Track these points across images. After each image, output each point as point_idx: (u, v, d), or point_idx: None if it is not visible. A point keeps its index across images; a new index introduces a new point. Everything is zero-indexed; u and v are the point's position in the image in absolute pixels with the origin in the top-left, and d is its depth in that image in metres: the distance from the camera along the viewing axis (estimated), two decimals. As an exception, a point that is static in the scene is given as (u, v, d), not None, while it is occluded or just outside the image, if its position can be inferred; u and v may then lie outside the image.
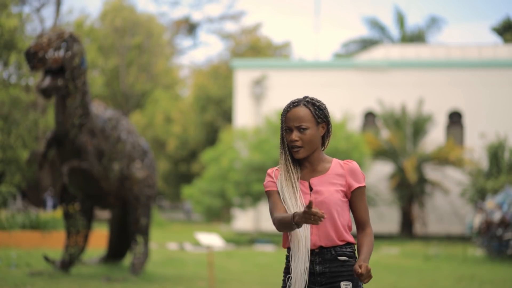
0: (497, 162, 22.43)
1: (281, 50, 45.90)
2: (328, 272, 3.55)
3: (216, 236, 10.85)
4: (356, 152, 22.52)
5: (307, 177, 3.61)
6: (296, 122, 3.57)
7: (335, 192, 3.55)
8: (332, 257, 3.55)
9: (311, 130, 3.57)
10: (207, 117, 38.41)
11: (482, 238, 16.79)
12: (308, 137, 3.56)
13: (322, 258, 3.55)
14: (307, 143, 3.57)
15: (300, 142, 3.56)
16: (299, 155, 3.57)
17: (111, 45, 36.01)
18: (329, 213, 3.53)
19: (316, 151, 3.61)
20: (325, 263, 3.55)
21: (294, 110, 3.60)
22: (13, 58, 18.54)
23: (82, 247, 11.22)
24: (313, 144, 3.58)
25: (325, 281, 3.56)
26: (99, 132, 10.74)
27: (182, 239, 22.48)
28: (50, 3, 29.77)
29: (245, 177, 22.57)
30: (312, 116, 3.59)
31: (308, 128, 3.57)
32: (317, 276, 3.56)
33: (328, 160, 3.65)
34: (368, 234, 3.61)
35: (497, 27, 36.25)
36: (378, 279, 11.63)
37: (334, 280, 3.55)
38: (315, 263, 3.55)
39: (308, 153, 3.58)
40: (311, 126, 3.58)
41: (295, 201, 3.55)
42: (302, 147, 3.56)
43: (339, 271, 3.56)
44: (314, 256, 3.55)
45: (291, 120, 3.59)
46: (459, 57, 28.14)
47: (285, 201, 3.56)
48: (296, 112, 3.59)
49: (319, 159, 3.63)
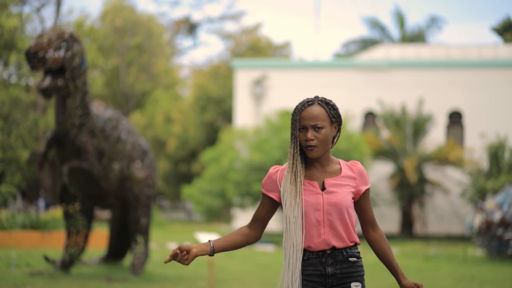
0: (497, 162, 22.43)
1: (281, 50, 45.91)
2: (339, 273, 3.57)
3: (216, 236, 10.85)
4: (356, 152, 22.52)
5: (318, 177, 3.60)
6: (312, 121, 3.55)
7: (347, 194, 3.57)
8: (343, 258, 3.57)
9: (326, 130, 3.57)
10: (207, 117, 38.42)
11: (482, 238, 16.78)
12: (323, 136, 3.56)
13: (334, 260, 3.56)
14: (322, 142, 3.56)
15: (316, 141, 3.55)
16: (313, 154, 3.56)
17: (111, 45, 36.02)
18: (342, 215, 3.55)
19: (327, 151, 3.62)
20: (336, 265, 3.56)
21: (309, 108, 3.58)
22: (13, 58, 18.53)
23: (82, 247, 11.22)
24: (327, 144, 3.59)
25: (336, 283, 3.57)
26: (99, 132, 10.74)
27: (182, 239, 22.47)
28: (50, 3, 29.79)
29: (245, 177, 22.58)
30: (327, 116, 3.59)
31: (324, 127, 3.56)
32: (328, 278, 3.56)
33: (336, 161, 3.67)
34: (384, 237, 3.69)
35: (497, 27, 36.25)
36: (378, 279, 11.63)
37: (344, 281, 3.56)
38: (327, 264, 3.56)
39: (322, 152, 3.58)
40: (326, 125, 3.58)
41: (295, 200, 3.55)
42: (316, 146, 3.55)
43: (349, 272, 3.58)
44: (326, 258, 3.56)
45: (306, 119, 3.56)
46: (459, 57, 28.15)
47: (286, 200, 3.56)
48: (311, 111, 3.57)
49: (329, 159, 3.64)
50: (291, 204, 3.54)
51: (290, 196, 3.55)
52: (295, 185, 3.56)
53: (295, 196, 3.55)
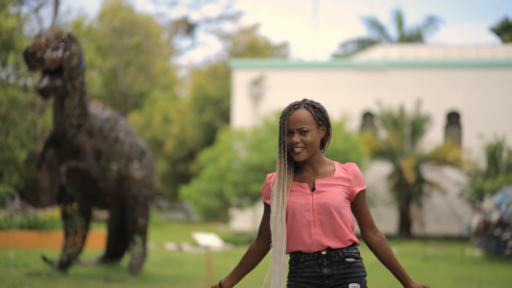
0: (495, 163, 22.45)
1: (279, 51, 45.90)
2: (336, 274, 3.56)
3: (214, 236, 10.85)
4: (354, 152, 22.53)
5: (309, 179, 3.61)
6: (297, 124, 3.57)
7: (338, 194, 3.56)
8: (339, 259, 3.56)
9: (312, 133, 3.58)
10: (205, 117, 38.41)
11: (480, 239, 16.79)
12: (310, 139, 3.57)
13: (330, 261, 3.56)
14: (309, 145, 3.57)
15: (302, 144, 3.56)
16: (300, 157, 3.57)
17: (109, 45, 35.98)
18: (332, 215, 3.54)
19: (316, 153, 3.62)
20: (332, 266, 3.56)
21: (295, 112, 3.60)
22: (11, 58, 18.51)
23: (80, 247, 11.22)
24: (314, 147, 3.59)
25: (333, 284, 3.56)
26: (97, 133, 10.74)
27: (180, 239, 22.47)
28: (48, 3, 29.75)
29: (243, 177, 22.57)
30: (313, 119, 3.60)
31: (310, 130, 3.57)
32: (325, 279, 3.56)
33: (330, 163, 3.67)
34: (385, 240, 3.68)
35: (495, 27, 36.26)
36: (377, 279, 11.63)
37: (342, 282, 3.56)
38: (323, 265, 3.56)
39: (309, 155, 3.59)
40: (312, 128, 3.59)
41: (278, 204, 3.57)
42: (304, 149, 3.57)
43: (347, 273, 3.57)
44: (322, 259, 3.55)
45: (292, 123, 3.58)
46: (457, 57, 28.16)
47: (272, 204, 3.59)
48: (297, 115, 3.59)
49: (320, 162, 3.64)
50: (276, 208, 3.56)
51: (276, 200, 3.57)
52: (281, 190, 3.57)
53: (279, 200, 3.57)
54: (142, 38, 36.99)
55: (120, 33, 36.13)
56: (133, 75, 37.62)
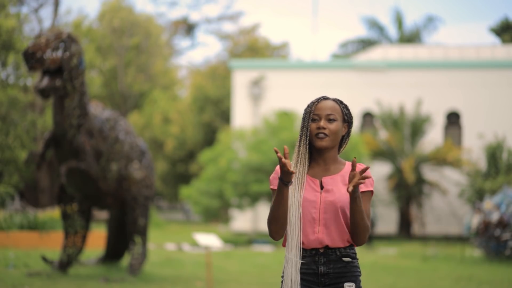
0: (495, 163, 22.46)
1: (279, 51, 45.89)
2: (332, 272, 3.56)
3: (214, 236, 10.85)
4: (354, 152, 22.53)
5: (319, 175, 3.62)
6: (327, 110, 3.65)
7: (345, 194, 3.56)
8: (336, 258, 3.57)
9: (338, 123, 3.65)
10: (205, 118, 38.39)
11: (480, 239, 16.80)
12: (335, 128, 3.64)
13: (327, 259, 3.56)
14: (333, 133, 3.62)
15: (327, 131, 3.61)
16: (322, 143, 3.60)
17: (109, 46, 35.98)
18: (337, 213, 3.55)
19: (334, 149, 3.67)
20: (329, 264, 3.56)
21: (325, 102, 3.68)
22: (11, 58, 18.49)
23: (80, 247, 11.21)
24: (336, 138, 3.65)
25: (329, 282, 3.57)
26: (97, 133, 10.74)
27: (180, 240, 22.47)
28: (48, 3, 29.76)
29: (243, 177, 22.57)
30: (341, 112, 3.70)
31: (336, 120, 3.65)
32: (321, 277, 3.57)
33: (342, 163, 3.70)
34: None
35: (495, 28, 36.25)
36: (376, 279, 11.64)
37: (337, 281, 3.56)
38: (320, 263, 3.56)
39: (331, 144, 3.63)
40: (339, 119, 3.67)
41: (297, 192, 3.56)
42: (327, 136, 3.61)
43: (343, 272, 3.57)
44: (319, 257, 3.56)
45: (321, 109, 3.65)
46: (457, 57, 28.16)
47: (291, 186, 3.58)
48: (326, 103, 3.67)
49: (334, 159, 3.67)
50: (292, 201, 3.56)
51: (293, 184, 3.57)
52: (299, 181, 3.57)
53: (298, 184, 3.57)
54: (142, 38, 36.99)
55: (120, 33, 36.13)
56: (133, 75, 37.62)
